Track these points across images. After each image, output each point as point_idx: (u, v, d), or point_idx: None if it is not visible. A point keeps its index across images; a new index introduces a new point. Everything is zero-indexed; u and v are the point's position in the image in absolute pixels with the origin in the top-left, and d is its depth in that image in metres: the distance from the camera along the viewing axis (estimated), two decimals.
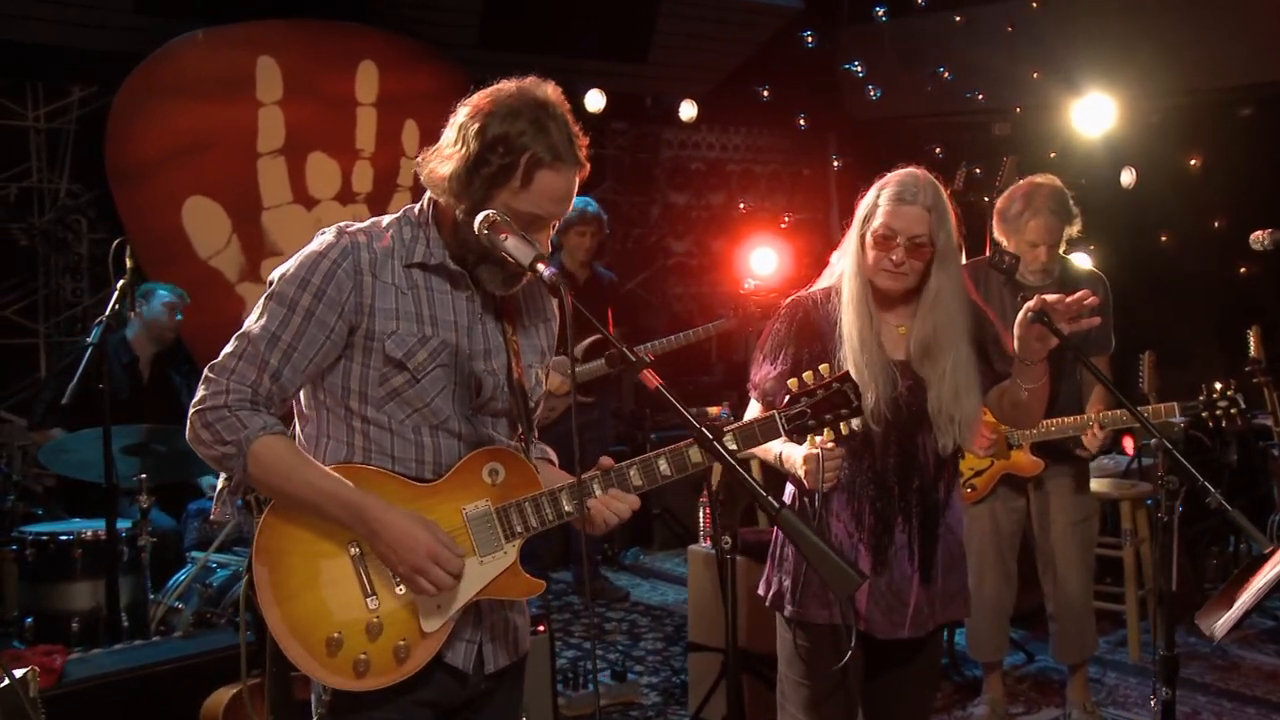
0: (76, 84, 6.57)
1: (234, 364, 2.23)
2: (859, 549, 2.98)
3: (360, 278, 2.23)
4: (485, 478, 2.30)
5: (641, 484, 2.33)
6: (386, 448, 2.28)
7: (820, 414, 2.40)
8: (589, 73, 7.96)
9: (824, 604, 2.97)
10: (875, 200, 2.95)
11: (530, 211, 2.24)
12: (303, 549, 2.25)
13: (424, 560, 2.18)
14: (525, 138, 2.19)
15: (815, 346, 2.99)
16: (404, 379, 2.25)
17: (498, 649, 2.40)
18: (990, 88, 8.14)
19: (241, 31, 6.47)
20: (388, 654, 2.24)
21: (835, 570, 1.94)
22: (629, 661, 5.58)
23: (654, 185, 9.04)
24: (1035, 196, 4.27)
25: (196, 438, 2.23)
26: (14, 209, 6.46)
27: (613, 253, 8.82)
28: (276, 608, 2.23)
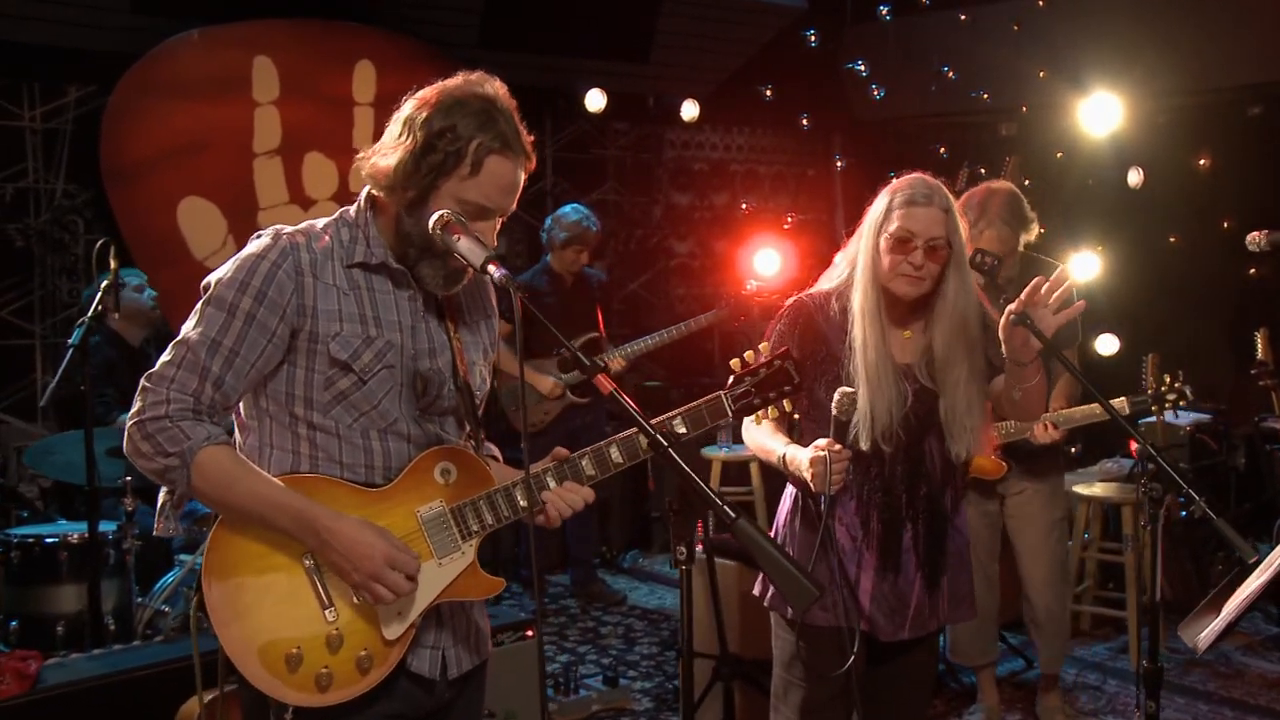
0: (73, 84, 6.54)
1: (173, 372, 2.16)
2: (863, 553, 2.97)
3: (301, 279, 2.18)
4: (438, 478, 2.26)
5: (595, 473, 2.30)
6: (334, 454, 2.23)
7: (764, 392, 2.38)
8: (590, 72, 7.92)
9: (826, 606, 2.93)
10: (889, 204, 2.92)
11: (477, 202, 2.20)
12: (254, 563, 2.19)
13: (379, 567, 2.13)
14: (472, 127, 2.16)
15: (820, 350, 2.97)
16: (350, 381, 2.21)
17: (461, 653, 2.36)
18: (995, 87, 8.06)
19: (237, 31, 6.44)
20: (350, 666, 2.19)
21: (791, 582, 1.89)
22: (623, 666, 5.53)
23: (656, 186, 8.99)
24: (989, 206, 4.27)
25: (136, 450, 2.16)
26: (10, 209, 6.44)
27: (614, 253, 8.78)
28: (230, 626, 2.17)
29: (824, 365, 2.97)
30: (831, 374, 2.95)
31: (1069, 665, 5.46)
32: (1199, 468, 6.86)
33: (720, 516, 1.93)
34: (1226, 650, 5.70)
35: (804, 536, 3.02)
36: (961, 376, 2.91)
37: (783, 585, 1.91)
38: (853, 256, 3.00)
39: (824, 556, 2.92)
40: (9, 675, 3.66)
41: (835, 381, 2.90)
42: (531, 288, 6.39)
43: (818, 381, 2.96)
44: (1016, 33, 7.90)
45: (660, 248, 9.03)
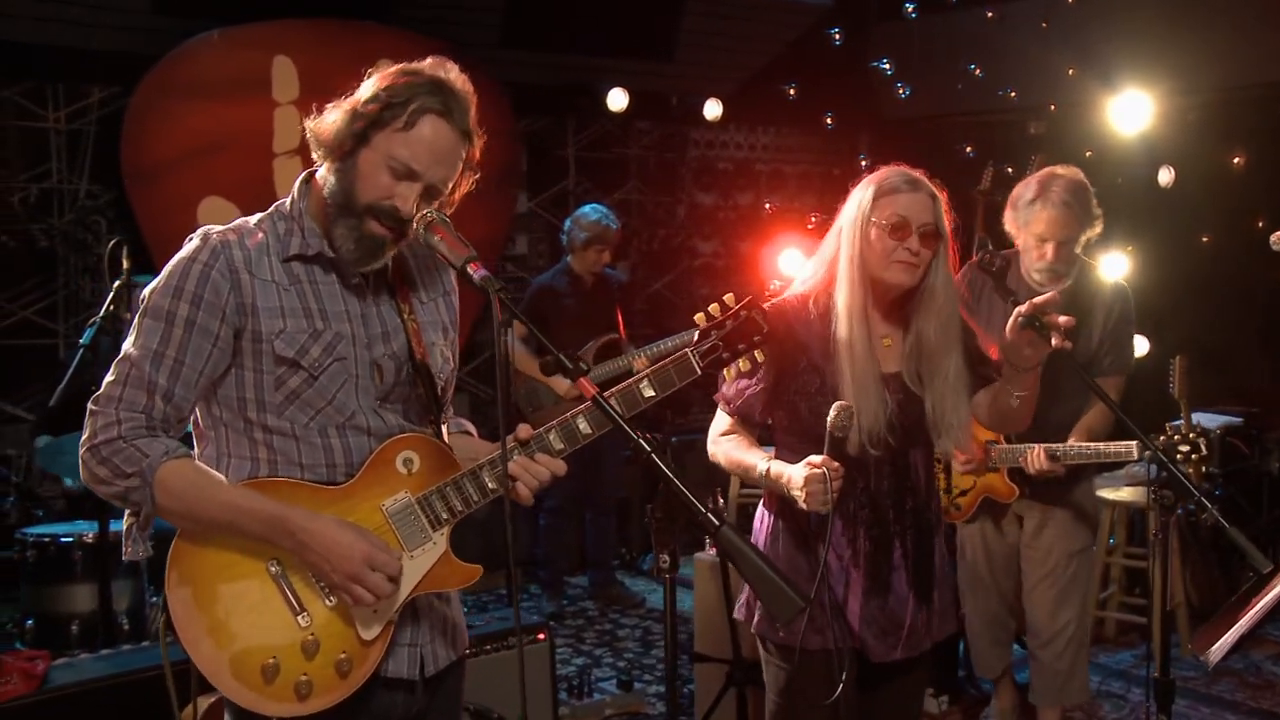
0: (96, 85, 6.58)
1: (119, 391, 2.10)
2: (850, 572, 2.83)
3: (237, 276, 2.12)
4: (400, 468, 2.19)
5: (563, 447, 2.23)
6: (293, 456, 2.17)
7: (733, 345, 2.28)
8: (613, 71, 7.88)
9: (817, 628, 2.80)
10: (874, 193, 2.77)
11: (405, 161, 2.12)
12: (219, 575, 2.13)
13: (359, 567, 2.08)
14: (415, 89, 2.12)
15: (800, 360, 2.82)
16: (300, 379, 2.15)
17: (438, 649, 2.32)
18: (1023, 85, 7.95)
19: (257, 31, 6.44)
20: (330, 670, 2.14)
21: (777, 594, 1.83)
22: (638, 670, 5.49)
23: (680, 185, 8.93)
24: (1051, 185, 3.81)
25: (93, 477, 2.10)
26: (34, 210, 6.49)
27: (637, 253, 8.73)
28: (201, 642, 2.11)
29: (804, 376, 2.81)
30: (814, 384, 2.80)
31: (1092, 671, 5.37)
32: (1229, 472, 6.73)
33: (704, 524, 1.88)
34: (1257, 659, 5.59)
35: (790, 559, 2.87)
36: (950, 368, 2.79)
37: (767, 597, 1.85)
38: (830, 255, 2.83)
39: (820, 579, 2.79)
40: (16, 675, 3.66)
41: (819, 393, 2.77)
42: (551, 288, 6.37)
43: (798, 395, 2.82)
44: (1045, 30, 7.80)
45: (684, 248, 8.98)
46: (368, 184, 2.13)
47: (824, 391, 2.75)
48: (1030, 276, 3.87)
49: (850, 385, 2.70)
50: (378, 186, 2.13)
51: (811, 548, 2.82)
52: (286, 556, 2.13)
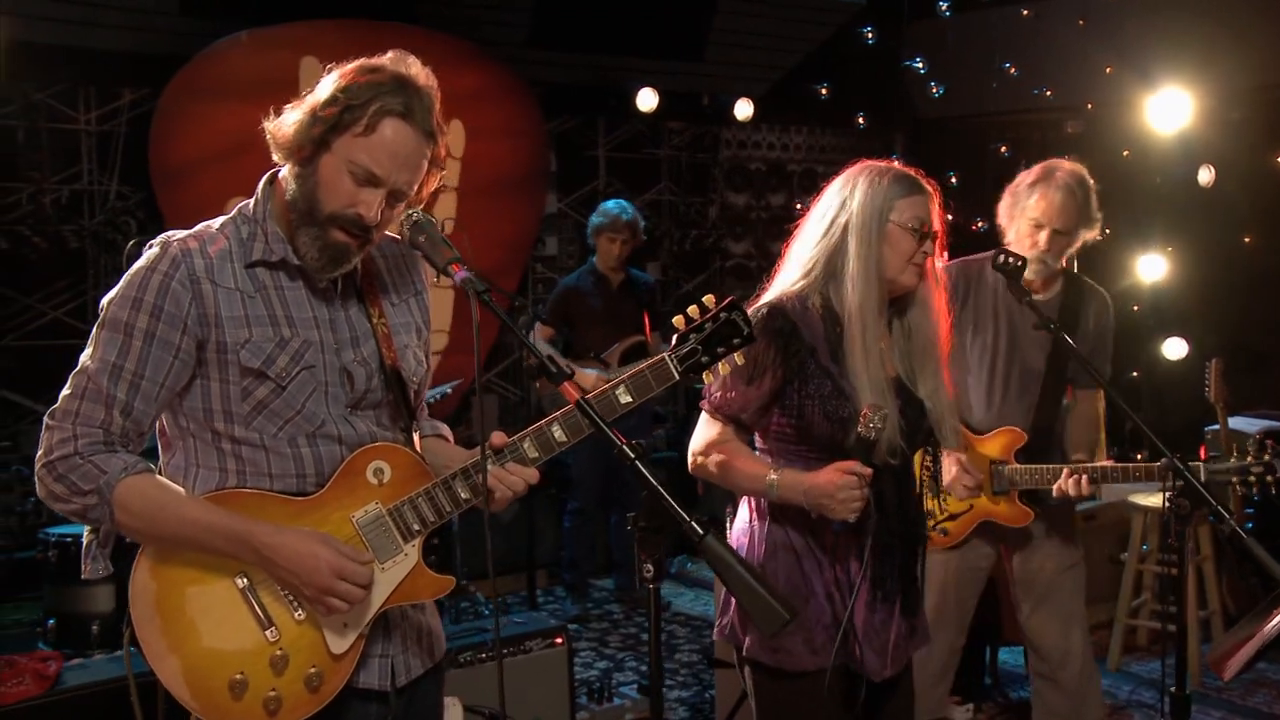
0: (127, 87, 6.61)
1: (76, 405, 2.04)
2: (857, 585, 2.70)
3: (198, 286, 2.05)
4: (370, 478, 2.14)
5: (538, 455, 2.16)
6: (263, 467, 2.11)
7: (712, 349, 2.18)
8: (643, 71, 7.84)
9: (815, 648, 2.69)
10: (886, 191, 2.67)
11: (366, 165, 2.05)
12: (184, 589, 2.08)
13: (329, 579, 2.03)
14: (376, 90, 2.04)
15: (809, 362, 2.68)
16: (268, 389, 2.09)
17: (410, 658, 2.26)
18: (1059, 84, 7.84)
19: (285, 32, 6.45)
20: (299, 686, 2.09)
21: (763, 607, 1.78)
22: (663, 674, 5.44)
23: (711, 186, 8.87)
24: (1054, 170, 3.63)
25: (50, 494, 2.04)
26: (65, 211, 6.52)
27: (668, 254, 8.68)
28: (166, 660, 2.06)
29: (816, 379, 2.68)
30: (826, 388, 2.67)
31: (1123, 681, 5.27)
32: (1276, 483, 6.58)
33: (688, 533, 1.83)
34: None
35: (791, 574, 2.73)
36: (939, 364, 2.74)
37: (754, 610, 1.80)
38: (832, 249, 2.69)
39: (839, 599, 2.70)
40: (29, 676, 3.68)
41: (832, 396, 2.65)
42: (576, 289, 6.33)
43: (810, 399, 2.67)
44: (1082, 27, 7.68)
45: (715, 249, 8.92)
46: (329, 192, 2.07)
47: (837, 395, 2.65)
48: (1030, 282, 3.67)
49: (869, 389, 2.61)
50: (340, 194, 2.07)
51: (817, 560, 2.71)
52: (254, 570, 2.08)
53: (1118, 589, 5.55)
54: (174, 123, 6.24)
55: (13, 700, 3.63)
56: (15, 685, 3.65)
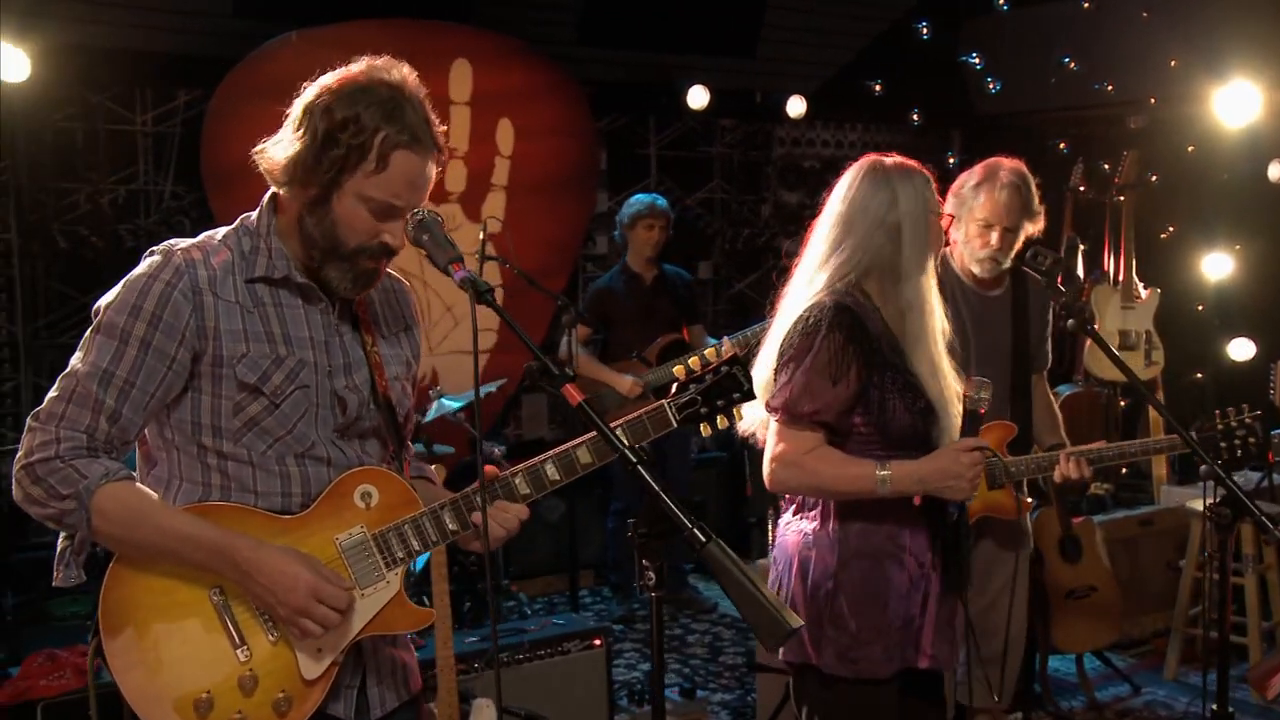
0: (182, 88, 6.70)
1: (62, 409, 2.00)
2: (930, 577, 2.72)
3: (200, 297, 2.02)
4: (357, 502, 2.10)
5: (529, 491, 2.12)
6: (248, 483, 2.07)
7: (711, 401, 2.16)
8: (695, 69, 7.77)
9: (890, 655, 2.67)
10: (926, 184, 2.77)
11: (384, 200, 2.03)
12: (156, 601, 2.03)
13: (306, 599, 1.98)
14: (377, 118, 1.99)
15: (877, 357, 2.68)
16: (261, 406, 2.05)
17: (384, 690, 2.20)
18: (1121, 78, 7.65)
19: (334, 33, 6.48)
20: (266, 709, 2.03)
21: (766, 617, 1.73)
22: (704, 677, 5.39)
23: (765, 184, 8.80)
24: (998, 170, 3.68)
25: (27, 497, 1.99)
26: (121, 210, 6.63)
27: (721, 253, 8.62)
28: (131, 672, 2.01)
29: (889, 372, 2.68)
30: (899, 380, 2.68)
31: (1180, 691, 5.13)
32: None
33: (690, 540, 1.78)
34: None
35: (869, 578, 2.69)
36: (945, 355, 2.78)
37: (753, 618, 1.75)
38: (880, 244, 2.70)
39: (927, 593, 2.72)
40: (69, 670, 3.74)
41: (907, 389, 2.67)
42: (609, 291, 6.28)
43: (888, 392, 2.67)
44: (1146, 19, 7.50)
45: (768, 247, 8.84)
46: (350, 229, 2.06)
47: (909, 387, 2.67)
48: (967, 268, 3.73)
49: (932, 374, 2.67)
50: (362, 230, 2.05)
51: (897, 560, 2.69)
52: (230, 585, 2.04)
53: (1175, 597, 5.40)
54: (224, 124, 6.30)
55: (54, 693, 3.68)
56: (56, 679, 3.70)
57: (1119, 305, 6.46)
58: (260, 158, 2.09)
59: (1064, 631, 4.79)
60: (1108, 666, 5.27)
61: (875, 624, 2.66)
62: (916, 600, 2.70)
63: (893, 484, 2.61)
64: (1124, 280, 6.52)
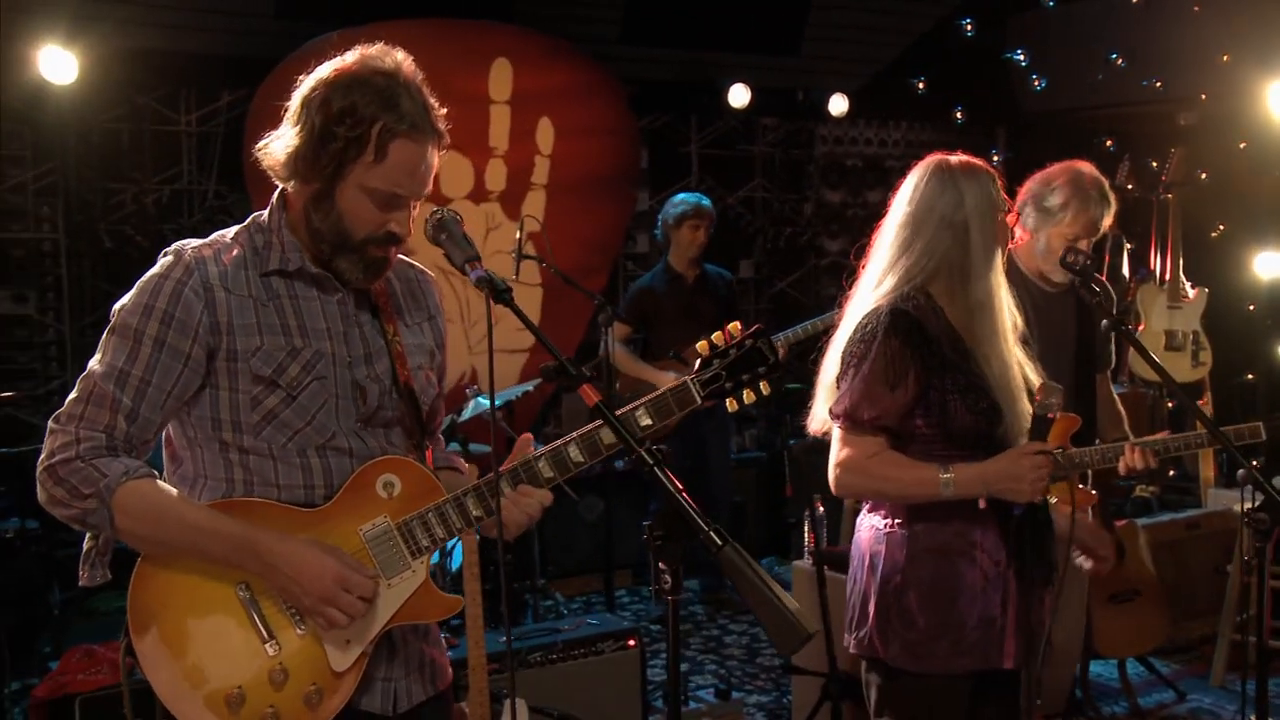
0: (225, 89, 6.77)
1: (81, 410, 2.01)
2: (1008, 577, 2.69)
3: (211, 294, 2.02)
4: (380, 492, 2.09)
5: (553, 475, 2.09)
6: (270, 477, 2.07)
7: (736, 375, 2.11)
8: (737, 67, 7.74)
9: (961, 650, 2.65)
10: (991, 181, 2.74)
11: (386, 190, 2.02)
12: (184, 598, 2.03)
13: (332, 589, 1.98)
14: (374, 107, 1.98)
15: (936, 359, 2.66)
16: (278, 398, 2.04)
17: (413, 685, 2.20)
18: (1170, 74, 7.53)
19: (375, 32, 6.33)
20: (298, 702, 2.03)
21: (783, 622, 1.70)
22: (740, 678, 5.37)
23: (807, 182, 8.74)
24: (1095, 181, 3.63)
25: (50, 498, 1.99)
26: (166, 210, 6.71)
27: (762, 251, 8.59)
28: (161, 670, 2.01)
29: (950, 374, 2.66)
30: (961, 381, 2.65)
31: (1227, 699, 5.04)
32: None
33: (706, 543, 1.76)
34: None
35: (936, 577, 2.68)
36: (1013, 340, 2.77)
37: (770, 623, 1.72)
38: (947, 246, 2.69)
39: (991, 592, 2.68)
40: (106, 665, 3.77)
41: (969, 390, 2.64)
42: (650, 290, 6.26)
43: (949, 393, 2.65)
44: (1196, 14, 7.37)
45: (810, 246, 8.79)
46: (356, 221, 2.06)
47: (973, 388, 2.65)
48: (1036, 267, 3.65)
49: (1003, 374, 2.65)
50: (367, 221, 2.06)
51: (970, 557, 2.68)
52: (257, 580, 2.04)
53: (1222, 602, 5.30)
54: (266, 124, 6.23)
55: (91, 688, 3.72)
56: (93, 674, 3.74)
57: (1165, 305, 6.35)
58: (262, 154, 2.09)
59: (1106, 636, 4.72)
60: (1151, 672, 5.18)
61: (944, 620, 2.66)
62: (995, 600, 2.67)
63: (956, 486, 2.61)
64: (1170, 280, 6.41)
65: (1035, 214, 3.66)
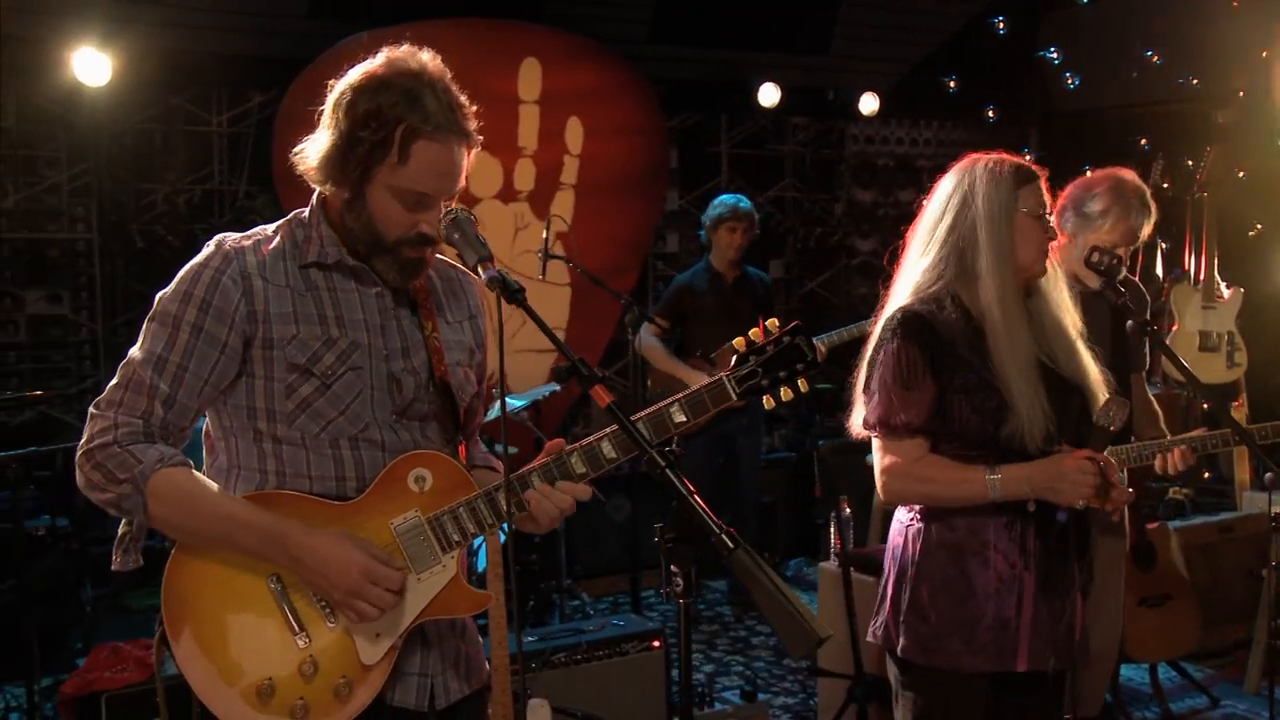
0: (256, 89, 6.81)
1: (119, 395, 2.04)
2: (1024, 579, 2.66)
3: (249, 282, 2.05)
4: (411, 485, 2.09)
5: (585, 470, 2.08)
6: (302, 468, 2.08)
7: (773, 372, 2.10)
8: (767, 66, 7.72)
9: (974, 649, 2.64)
10: (1014, 179, 2.67)
11: (414, 189, 2.04)
12: (217, 589, 2.05)
13: (359, 582, 1.99)
14: (398, 109, 1.99)
15: (948, 360, 2.65)
16: (313, 387, 2.06)
17: (449, 680, 2.20)
18: (1207, 71, 7.44)
19: (404, 32, 6.40)
20: (327, 695, 2.05)
21: (793, 627, 1.68)
22: (767, 679, 5.34)
23: (838, 182, 8.70)
24: (1139, 190, 3.64)
25: (87, 481, 2.03)
26: (197, 210, 6.76)
27: (792, 251, 8.55)
28: (194, 661, 2.03)
29: (960, 374, 2.65)
30: (972, 380, 2.64)
31: (1262, 706, 4.96)
32: None
33: (718, 546, 1.74)
34: None
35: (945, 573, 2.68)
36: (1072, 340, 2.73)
37: (781, 627, 1.71)
38: (961, 246, 2.67)
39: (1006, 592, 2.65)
40: (132, 663, 3.79)
41: (978, 390, 2.63)
42: (690, 287, 6.25)
43: (958, 393, 2.65)
44: (1235, 9, 7.27)
45: (841, 246, 8.74)
46: (387, 222, 2.08)
47: (983, 388, 2.63)
48: (1073, 270, 3.56)
49: (1017, 381, 2.60)
50: (398, 222, 2.07)
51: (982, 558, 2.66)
52: (287, 573, 2.05)
53: (1257, 606, 5.22)
54: (295, 124, 6.33)
55: (117, 685, 3.74)
56: (119, 672, 3.76)
57: (1200, 305, 6.26)
58: (298, 159, 2.12)
59: (1137, 640, 4.66)
60: (1184, 677, 5.11)
61: (955, 617, 2.65)
62: (1010, 601, 2.65)
63: (1003, 487, 2.61)
64: (1205, 279, 6.32)
65: (1075, 219, 3.66)
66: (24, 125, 6.35)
